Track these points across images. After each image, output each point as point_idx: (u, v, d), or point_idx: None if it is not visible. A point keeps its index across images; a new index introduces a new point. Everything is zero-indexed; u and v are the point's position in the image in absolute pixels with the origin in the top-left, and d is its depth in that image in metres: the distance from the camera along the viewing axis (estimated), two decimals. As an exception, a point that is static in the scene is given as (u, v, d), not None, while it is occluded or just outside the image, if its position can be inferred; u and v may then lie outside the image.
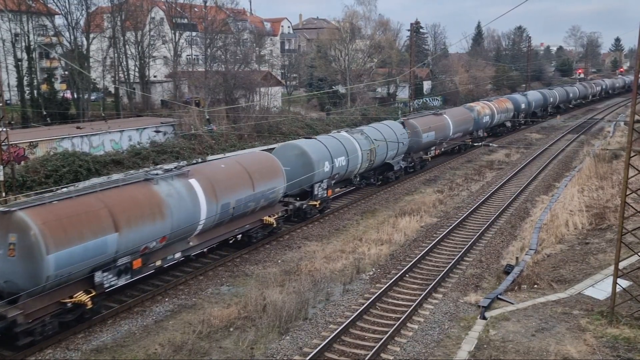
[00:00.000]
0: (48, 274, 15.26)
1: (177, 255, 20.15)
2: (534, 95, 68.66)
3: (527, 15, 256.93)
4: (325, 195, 28.63)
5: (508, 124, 59.02)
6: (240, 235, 23.47)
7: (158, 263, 19.27)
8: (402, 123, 37.96)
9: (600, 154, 39.65)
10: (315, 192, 27.69)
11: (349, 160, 30.04)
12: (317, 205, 28.06)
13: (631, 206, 18.50)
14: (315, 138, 29.63)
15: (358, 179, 33.51)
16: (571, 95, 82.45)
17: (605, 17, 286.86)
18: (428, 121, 40.73)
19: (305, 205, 27.28)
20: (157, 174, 19.57)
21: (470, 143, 47.65)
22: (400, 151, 36.46)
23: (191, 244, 20.72)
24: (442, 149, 44.30)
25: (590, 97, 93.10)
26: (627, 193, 15.96)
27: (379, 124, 36.56)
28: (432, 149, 41.90)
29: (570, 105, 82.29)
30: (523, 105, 62.87)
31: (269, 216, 24.62)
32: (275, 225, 24.82)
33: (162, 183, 19.25)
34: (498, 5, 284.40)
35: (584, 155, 44.60)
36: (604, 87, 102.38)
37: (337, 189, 32.60)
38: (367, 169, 33.35)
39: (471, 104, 51.28)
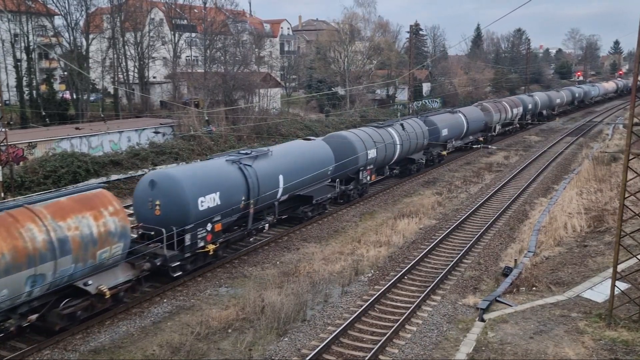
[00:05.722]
0: None
1: None
2: (329, 147, 28.93)
3: (526, 18, 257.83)
4: None
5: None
6: None
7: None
8: None
9: (599, 157, 39.71)
10: None
11: None
12: None
13: (630, 209, 18.50)
14: None
15: None
16: (444, 133, 41.16)
17: (604, 20, 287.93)
18: None
19: None
20: None
21: None
22: None
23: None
24: None
25: (495, 128, 53.20)
26: (626, 196, 15.96)
27: None
28: None
29: (444, 153, 43.10)
30: (276, 193, 24.13)
31: None
32: None
33: None
34: (497, 7, 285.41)
35: (583, 158, 44.63)
36: (530, 107, 62.56)
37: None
38: None
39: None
